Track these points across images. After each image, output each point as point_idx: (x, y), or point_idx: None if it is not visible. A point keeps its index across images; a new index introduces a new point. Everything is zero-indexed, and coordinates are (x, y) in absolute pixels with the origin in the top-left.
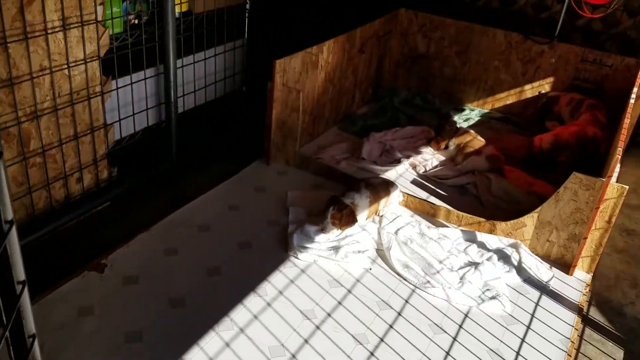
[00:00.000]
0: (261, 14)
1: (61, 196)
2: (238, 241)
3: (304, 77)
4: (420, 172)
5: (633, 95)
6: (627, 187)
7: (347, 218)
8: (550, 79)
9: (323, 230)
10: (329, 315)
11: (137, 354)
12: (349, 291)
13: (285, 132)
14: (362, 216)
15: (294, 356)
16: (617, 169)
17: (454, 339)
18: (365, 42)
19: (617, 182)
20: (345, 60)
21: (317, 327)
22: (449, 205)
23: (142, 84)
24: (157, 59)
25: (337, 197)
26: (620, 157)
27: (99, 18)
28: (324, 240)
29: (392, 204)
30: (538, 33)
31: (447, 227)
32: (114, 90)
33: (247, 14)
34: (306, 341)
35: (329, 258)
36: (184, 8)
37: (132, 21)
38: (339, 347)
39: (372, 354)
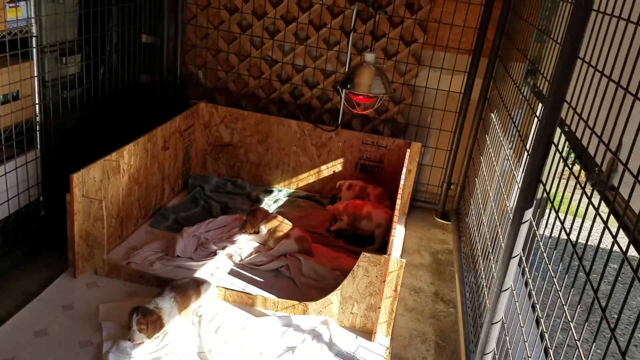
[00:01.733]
0: (55, 126)
1: None
2: None
3: (106, 184)
4: (237, 261)
5: (403, 177)
6: (405, 260)
7: (154, 324)
8: (341, 160)
9: (131, 339)
10: None
11: None
12: None
13: (91, 241)
14: (170, 319)
15: None
16: (402, 232)
17: None
18: (168, 139)
19: (404, 244)
20: (149, 158)
21: None
22: (266, 291)
23: None
24: None
25: (140, 305)
26: (392, 239)
27: None
28: (142, 355)
29: (206, 301)
30: (327, 121)
31: (266, 314)
32: None
33: (38, 128)
34: None
35: None
36: None
37: None
38: None
39: None
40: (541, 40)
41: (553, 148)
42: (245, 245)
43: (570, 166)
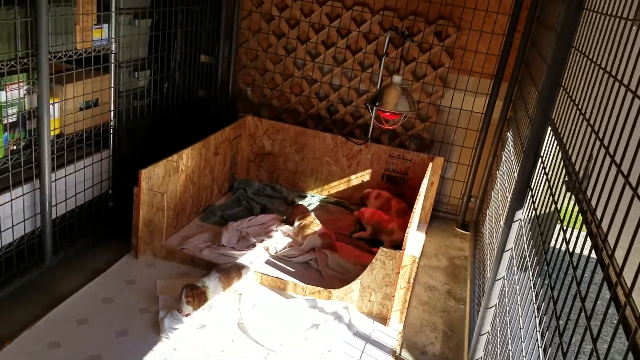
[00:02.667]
0: (125, 130)
1: None
2: (115, 330)
3: (167, 181)
4: (272, 253)
5: (423, 186)
6: (417, 256)
7: (199, 297)
8: (369, 170)
9: (180, 310)
10: None
11: None
12: None
13: (152, 228)
14: (215, 295)
15: None
16: (423, 238)
17: None
18: (219, 146)
19: (423, 249)
20: (203, 162)
21: None
22: (296, 279)
23: (20, 199)
24: (33, 176)
25: (190, 282)
26: (407, 235)
27: None
28: (192, 322)
29: (246, 283)
30: (358, 135)
31: (295, 297)
32: None
33: (111, 131)
34: None
35: (198, 335)
36: (56, 132)
37: (12, 147)
38: None
39: None
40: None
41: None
42: (280, 240)
43: (548, 174)
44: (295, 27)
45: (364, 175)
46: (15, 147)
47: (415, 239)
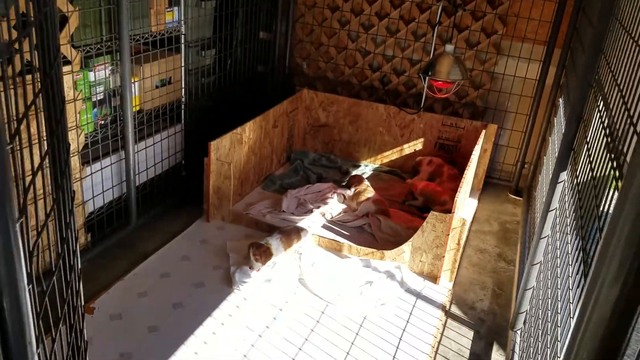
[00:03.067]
0: (194, 106)
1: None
2: (193, 282)
3: (232, 152)
4: (328, 218)
5: (474, 152)
6: (466, 219)
7: (264, 253)
8: (421, 139)
9: (250, 267)
10: (266, 327)
11: None
12: (280, 309)
13: (220, 195)
14: (277, 253)
15: (245, 356)
16: (475, 204)
17: (357, 334)
18: (277, 119)
19: (475, 214)
20: (263, 134)
21: (259, 336)
22: (350, 242)
23: (108, 168)
24: (119, 147)
25: (255, 241)
26: (457, 199)
27: (78, 124)
28: (258, 276)
29: (305, 244)
30: (411, 105)
31: (349, 257)
32: (89, 175)
33: (183, 107)
34: (252, 345)
35: (264, 288)
36: (137, 108)
37: (100, 122)
38: (275, 346)
39: (300, 349)
40: None
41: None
42: (335, 206)
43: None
44: (349, 0)
45: (417, 144)
46: (103, 122)
47: (467, 204)
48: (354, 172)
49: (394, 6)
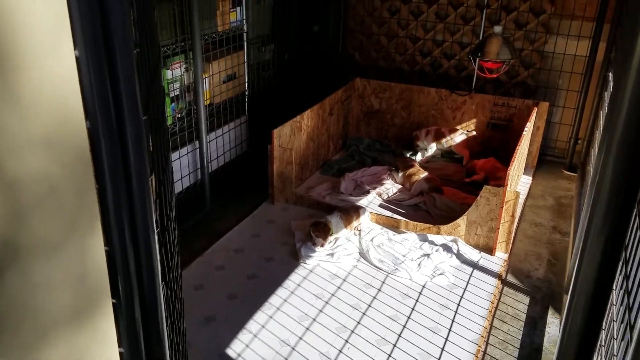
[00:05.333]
0: (256, 98)
1: None
2: (264, 257)
3: (293, 139)
4: (384, 198)
5: (526, 129)
6: (520, 191)
7: (323, 230)
8: (474, 120)
9: (313, 244)
10: (332, 295)
11: (212, 328)
12: (344, 280)
13: (283, 179)
14: (338, 230)
15: (314, 319)
16: (530, 180)
17: (417, 300)
18: (332, 107)
19: (529, 190)
20: (320, 121)
21: (326, 302)
22: (407, 219)
23: (185, 157)
24: (194, 137)
25: (316, 220)
26: (510, 173)
27: None
28: (322, 250)
29: (364, 221)
30: (462, 87)
31: (406, 233)
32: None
33: (247, 99)
34: (321, 310)
35: (327, 261)
36: (208, 102)
37: (178, 115)
38: (342, 312)
39: (364, 314)
40: None
41: None
42: (391, 187)
43: None
44: None
45: (469, 125)
46: (179, 115)
47: (522, 181)
48: (408, 155)
49: None
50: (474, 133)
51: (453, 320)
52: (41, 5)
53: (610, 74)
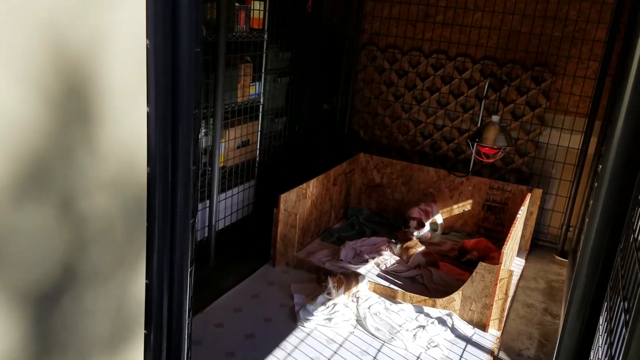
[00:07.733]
0: (266, 164)
1: None
2: (262, 317)
3: (298, 204)
4: (382, 268)
5: (520, 212)
6: (514, 270)
7: (339, 282)
8: (470, 200)
9: (329, 294)
10: None
11: None
12: (341, 345)
13: (286, 242)
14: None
15: None
16: (523, 263)
17: None
18: (336, 178)
19: (522, 272)
20: (324, 190)
21: None
22: (404, 290)
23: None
24: (206, 196)
25: (330, 272)
26: (504, 252)
27: None
28: (320, 314)
29: (362, 289)
30: (459, 169)
31: (403, 303)
32: None
33: (257, 164)
34: None
35: (325, 325)
36: (222, 164)
37: None
38: None
39: None
40: None
41: None
42: (389, 257)
43: None
44: (403, 77)
45: (465, 205)
46: None
47: (515, 263)
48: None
49: (444, 82)
50: (469, 207)
51: None
52: (123, 67)
53: (600, 167)
